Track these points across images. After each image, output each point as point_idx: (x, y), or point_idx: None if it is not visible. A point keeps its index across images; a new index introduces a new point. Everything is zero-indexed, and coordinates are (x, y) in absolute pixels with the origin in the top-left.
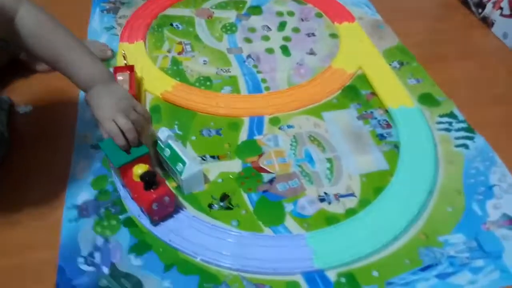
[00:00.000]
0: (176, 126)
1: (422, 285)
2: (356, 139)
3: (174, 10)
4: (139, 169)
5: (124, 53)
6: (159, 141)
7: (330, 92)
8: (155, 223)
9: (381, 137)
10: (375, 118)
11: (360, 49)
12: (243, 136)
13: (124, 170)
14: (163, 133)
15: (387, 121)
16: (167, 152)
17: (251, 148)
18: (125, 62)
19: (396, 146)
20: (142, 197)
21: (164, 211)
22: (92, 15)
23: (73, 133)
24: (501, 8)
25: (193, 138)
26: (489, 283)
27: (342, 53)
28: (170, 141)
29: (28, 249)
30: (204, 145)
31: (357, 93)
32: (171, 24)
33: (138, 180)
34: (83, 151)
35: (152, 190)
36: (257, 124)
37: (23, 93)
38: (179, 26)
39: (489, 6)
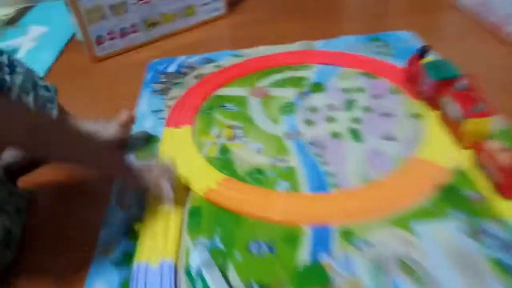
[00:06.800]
0: (217, 237)
1: None
2: (464, 266)
3: (227, 90)
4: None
5: None
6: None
7: (419, 192)
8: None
9: (506, 266)
10: (492, 235)
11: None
12: (303, 254)
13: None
14: (195, 260)
15: None
16: (199, 286)
17: (314, 276)
18: None
19: None
20: None
21: None
22: (142, 97)
23: (94, 242)
24: None
25: (238, 257)
26: None
27: (431, 139)
28: (203, 269)
29: None
30: (252, 268)
31: (458, 195)
32: (223, 106)
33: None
34: (102, 267)
35: None
36: (322, 237)
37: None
38: (231, 107)
39: None
